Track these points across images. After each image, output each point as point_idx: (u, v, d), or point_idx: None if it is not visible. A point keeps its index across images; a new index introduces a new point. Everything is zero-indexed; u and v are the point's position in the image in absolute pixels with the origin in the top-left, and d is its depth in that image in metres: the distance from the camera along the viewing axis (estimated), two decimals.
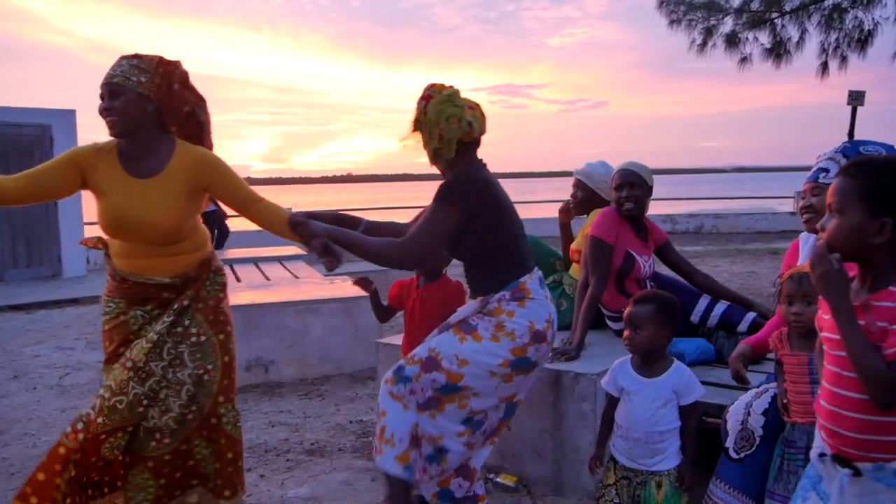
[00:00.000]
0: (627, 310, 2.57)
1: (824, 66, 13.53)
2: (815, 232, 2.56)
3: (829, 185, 2.49)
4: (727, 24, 13.08)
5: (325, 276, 7.02)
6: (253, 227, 2.83)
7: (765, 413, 2.41)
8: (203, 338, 2.67)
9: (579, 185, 4.10)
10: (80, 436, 2.44)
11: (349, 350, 5.38)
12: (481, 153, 2.73)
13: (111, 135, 2.55)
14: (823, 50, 13.27)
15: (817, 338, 2.33)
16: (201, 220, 2.79)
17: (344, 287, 5.97)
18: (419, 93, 2.70)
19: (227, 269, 7.64)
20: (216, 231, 10.96)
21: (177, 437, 2.63)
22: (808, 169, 2.77)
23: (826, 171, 2.58)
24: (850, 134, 13.28)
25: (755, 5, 12.80)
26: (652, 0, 13.21)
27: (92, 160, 2.58)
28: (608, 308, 3.69)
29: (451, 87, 2.67)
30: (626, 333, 2.56)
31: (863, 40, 13.03)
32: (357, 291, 5.65)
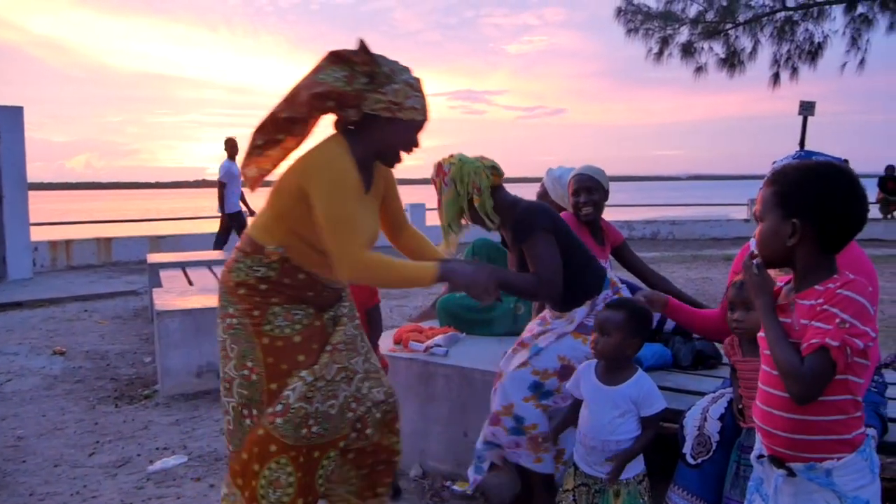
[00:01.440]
0: (598, 314, 2.54)
1: (776, 77, 13.88)
2: None
3: None
4: (683, 34, 13.38)
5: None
6: (209, 229, 2.75)
7: (721, 418, 2.41)
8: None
9: (542, 189, 4.09)
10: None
11: None
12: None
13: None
14: (775, 61, 13.62)
15: None
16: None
17: None
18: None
19: (179, 273, 7.53)
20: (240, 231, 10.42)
21: (377, 428, 2.50)
22: (761, 177, 2.79)
23: None
24: (802, 143, 13.59)
25: (710, 16, 13.07)
26: (610, 10, 13.40)
27: None
28: None
29: (451, 156, 2.88)
30: (593, 337, 2.53)
31: (813, 52, 13.40)
32: None
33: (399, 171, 2.54)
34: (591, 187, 3.57)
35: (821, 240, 1.69)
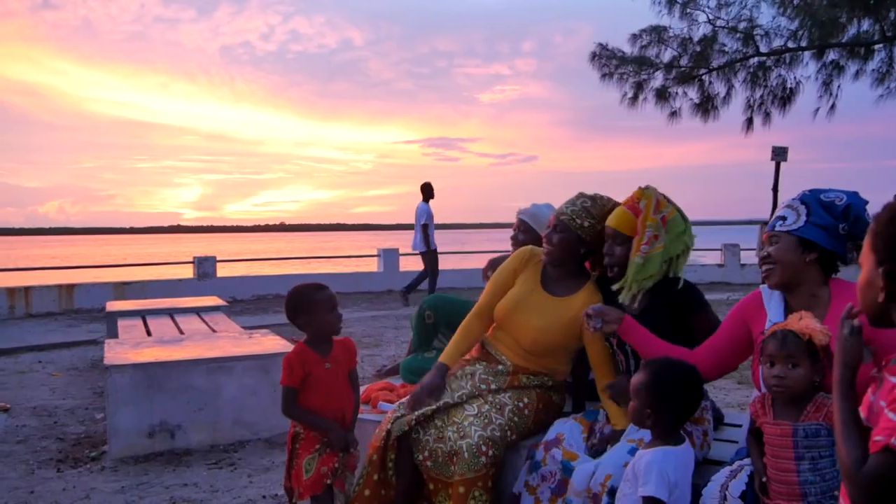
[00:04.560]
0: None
1: (749, 122, 13.89)
2: (777, 286, 2.33)
3: (786, 233, 2.28)
4: (658, 79, 13.36)
5: (246, 330, 6.56)
6: (174, 275, 2.49)
7: (743, 496, 2.10)
8: None
9: (522, 227, 3.75)
10: None
11: (266, 412, 4.90)
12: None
13: (546, 261, 2.98)
14: (749, 106, 13.64)
15: (807, 406, 2.05)
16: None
17: (262, 342, 5.51)
18: (652, 205, 2.68)
19: (138, 322, 7.15)
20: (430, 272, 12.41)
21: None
22: (733, 223, 2.72)
23: (784, 218, 2.34)
24: (775, 189, 13.55)
25: (684, 61, 13.08)
26: (577, 62, 13.39)
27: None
28: None
29: (663, 198, 2.72)
30: (632, 406, 2.25)
31: (785, 98, 13.44)
32: (276, 347, 5.23)
33: (374, 216, 2.29)
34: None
35: None
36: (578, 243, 2.89)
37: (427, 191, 12.03)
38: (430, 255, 12.22)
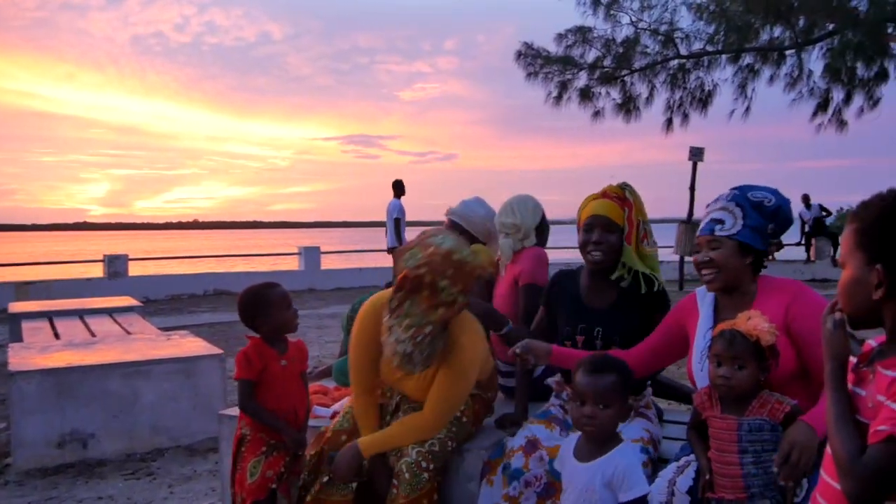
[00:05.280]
0: (580, 377, 2.11)
1: (669, 122, 14.27)
2: (721, 289, 2.32)
3: (726, 237, 2.25)
4: (582, 79, 13.56)
5: (163, 332, 6.23)
6: (82, 274, 2.26)
7: (690, 491, 2.06)
8: None
9: (453, 227, 3.58)
10: None
11: (187, 418, 4.64)
12: (344, 208, 2.56)
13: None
14: (669, 107, 13.98)
15: (752, 402, 2.02)
16: None
17: (182, 344, 5.22)
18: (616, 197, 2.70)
19: (44, 324, 6.70)
20: None
21: None
22: (650, 222, 2.79)
23: (721, 222, 2.32)
24: (692, 188, 13.93)
25: (607, 62, 13.30)
26: (500, 61, 13.55)
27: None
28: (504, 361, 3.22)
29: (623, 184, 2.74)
30: (589, 411, 2.09)
31: (703, 99, 13.85)
32: (197, 350, 4.96)
33: (292, 213, 2.12)
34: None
35: None
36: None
37: (398, 187, 11.84)
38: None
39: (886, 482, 1.23)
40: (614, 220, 2.67)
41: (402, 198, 11.88)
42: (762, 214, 2.30)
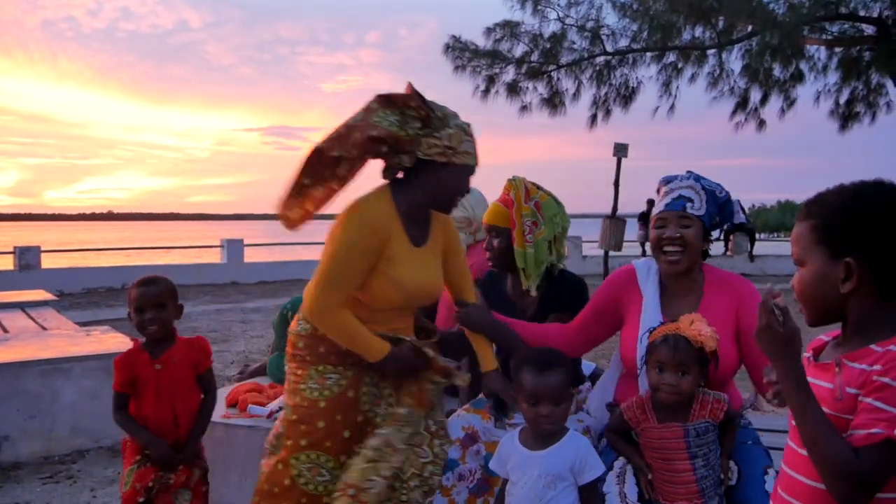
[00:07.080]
0: (531, 378, 2.04)
1: (594, 118, 14.50)
2: (683, 271, 2.26)
3: (696, 216, 2.22)
4: (509, 73, 13.65)
5: (81, 327, 5.97)
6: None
7: (640, 498, 2.04)
8: None
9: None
10: None
11: (109, 418, 4.37)
12: (265, 200, 2.55)
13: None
14: (594, 103, 14.22)
15: (693, 405, 2.02)
16: None
17: (102, 340, 5.00)
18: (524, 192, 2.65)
19: None
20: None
21: None
22: (574, 217, 2.92)
23: (690, 200, 2.25)
24: (616, 184, 14.22)
25: (535, 57, 13.42)
26: (422, 55, 13.54)
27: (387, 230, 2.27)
28: None
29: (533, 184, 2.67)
30: (546, 411, 2.02)
31: (628, 96, 14.13)
32: (119, 346, 4.76)
33: (211, 206, 2.04)
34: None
35: (881, 283, 1.32)
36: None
37: None
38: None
39: (883, 483, 1.23)
40: (497, 225, 2.67)
41: None
42: (714, 203, 2.29)
